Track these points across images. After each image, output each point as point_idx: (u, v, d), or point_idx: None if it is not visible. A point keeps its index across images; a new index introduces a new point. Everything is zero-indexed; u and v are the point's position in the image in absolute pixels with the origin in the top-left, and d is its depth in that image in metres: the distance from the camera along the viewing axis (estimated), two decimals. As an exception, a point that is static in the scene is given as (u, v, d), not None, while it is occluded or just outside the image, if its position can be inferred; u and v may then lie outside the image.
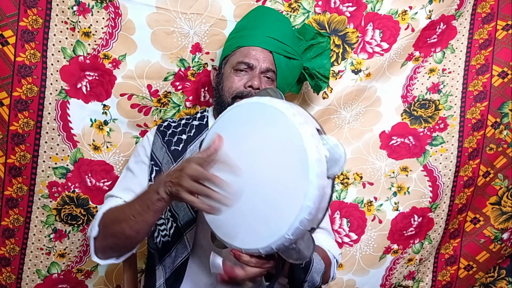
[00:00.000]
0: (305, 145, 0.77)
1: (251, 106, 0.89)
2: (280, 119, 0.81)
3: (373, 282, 1.61)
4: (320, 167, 0.77)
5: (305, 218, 0.77)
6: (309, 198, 0.76)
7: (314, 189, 0.76)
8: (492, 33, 1.51)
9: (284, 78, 1.22)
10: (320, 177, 0.77)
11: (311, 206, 0.76)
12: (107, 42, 1.31)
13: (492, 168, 1.60)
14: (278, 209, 0.80)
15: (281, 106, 0.82)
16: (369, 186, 1.55)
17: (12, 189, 1.36)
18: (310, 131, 0.79)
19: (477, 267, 1.69)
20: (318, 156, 0.77)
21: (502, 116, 1.55)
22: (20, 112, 1.29)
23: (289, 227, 0.77)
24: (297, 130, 0.78)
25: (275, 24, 1.24)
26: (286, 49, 1.20)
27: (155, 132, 1.22)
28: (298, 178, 0.77)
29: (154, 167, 1.16)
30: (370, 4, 1.43)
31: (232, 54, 1.20)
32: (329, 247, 1.18)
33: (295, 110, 0.82)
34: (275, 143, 0.83)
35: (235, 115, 0.92)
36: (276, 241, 0.80)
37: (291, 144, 0.79)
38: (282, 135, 0.81)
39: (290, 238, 0.79)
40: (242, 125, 0.89)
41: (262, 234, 0.82)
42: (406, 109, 1.53)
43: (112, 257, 1.06)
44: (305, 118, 0.81)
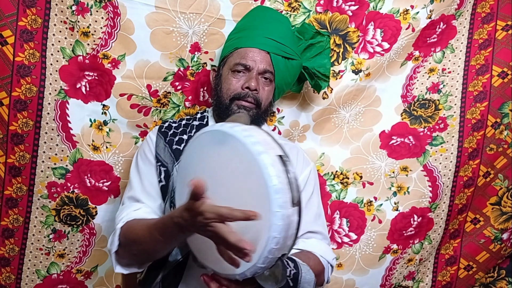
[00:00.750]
0: (264, 176, 0.76)
1: (214, 133, 0.88)
2: (239, 148, 0.80)
3: (373, 282, 1.61)
4: (282, 197, 0.76)
5: (273, 248, 0.77)
6: (275, 229, 0.76)
7: (278, 220, 0.76)
8: (491, 33, 1.51)
9: (282, 79, 1.22)
10: (283, 207, 0.76)
11: (278, 236, 0.77)
12: (106, 42, 1.30)
13: (493, 169, 1.60)
14: (248, 238, 0.79)
15: (240, 134, 0.81)
16: (369, 186, 1.55)
17: (12, 189, 1.36)
18: (270, 160, 0.77)
19: (477, 267, 1.69)
20: (280, 186, 0.76)
21: (502, 117, 1.55)
22: (19, 112, 1.29)
23: (259, 257, 0.79)
24: (256, 161, 0.77)
25: (273, 24, 1.24)
26: (284, 50, 1.20)
27: (156, 133, 1.23)
28: (261, 209, 0.76)
29: (162, 168, 1.16)
30: (372, 3, 1.43)
31: (230, 56, 1.21)
32: (323, 253, 1.18)
33: (255, 138, 0.80)
34: (238, 173, 0.82)
35: (201, 143, 0.92)
36: (249, 269, 0.81)
37: (252, 175, 0.78)
38: (243, 165, 0.81)
39: (262, 266, 0.80)
40: (208, 154, 0.89)
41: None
42: (406, 109, 1.53)
43: (134, 266, 1.07)
44: (265, 146, 0.79)
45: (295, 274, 1.00)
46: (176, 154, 1.16)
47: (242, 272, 0.83)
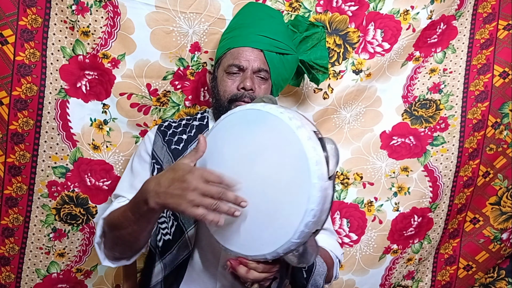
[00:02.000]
0: (304, 148, 0.77)
1: (246, 112, 0.89)
2: (276, 124, 0.81)
3: (373, 282, 1.62)
4: (321, 169, 0.77)
5: (310, 221, 0.77)
6: (313, 201, 0.76)
7: (316, 191, 0.76)
8: (493, 33, 1.51)
9: (279, 75, 1.21)
10: (321, 179, 0.77)
11: (315, 209, 0.77)
12: (106, 42, 1.30)
13: (492, 168, 1.60)
14: (282, 214, 0.80)
15: (276, 111, 0.82)
16: (370, 186, 1.55)
17: (12, 188, 1.36)
18: (307, 133, 0.79)
19: (476, 267, 1.69)
20: (318, 158, 0.77)
21: (503, 117, 1.55)
22: (20, 111, 1.29)
23: (295, 231, 0.78)
24: (294, 134, 0.78)
25: (265, 21, 1.22)
26: (278, 45, 1.19)
27: (156, 131, 1.22)
28: (299, 181, 0.77)
29: (156, 165, 1.16)
30: (372, 3, 1.42)
31: (224, 57, 1.20)
32: (332, 248, 1.19)
33: (290, 114, 0.82)
34: (273, 148, 0.82)
35: (231, 122, 0.91)
36: (282, 246, 0.80)
37: (289, 148, 0.79)
38: (279, 140, 0.81)
39: (296, 241, 0.79)
40: (239, 133, 0.88)
41: (267, 240, 0.82)
42: (407, 109, 1.53)
43: (122, 259, 1.04)
44: (301, 121, 0.81)
45: (310, 266, 1.00)
46: (174, 154, 1.16)
47: (273, 250, 0.81)
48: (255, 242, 0.84)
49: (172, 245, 1.12)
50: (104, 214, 1.06)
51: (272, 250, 0.82)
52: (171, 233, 1.12)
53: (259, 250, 0.84)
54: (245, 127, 0.88)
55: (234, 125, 0.90)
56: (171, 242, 1.12)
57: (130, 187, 1.14)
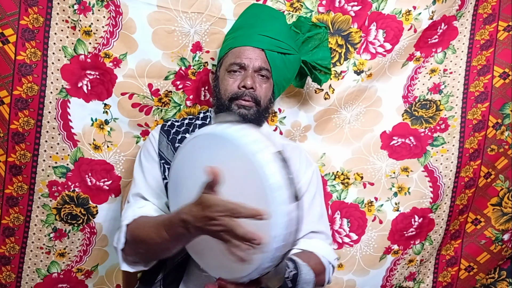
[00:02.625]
0: (263, 174, 0.76)
1: (208, 136, 0.87)
2: (236, 149, 0.80)
3: (374, 283, 1.61)
4: (283, 194, 0.76)
5: (280, 245, 0.77)
6: (280, 227, 0.76)
7: (281, 217, 0.76)
8: (493, 34, 1.51)
9: (281, 75, 1.21)
10: (285, 204, 0.76)
11: (284, 233, 0.77)
12: (108, 41, 1.31)
13: (493, 169, 1.60)
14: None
15: (234, 135, 0.81)
16: (370, 186, 1.54)
17: (13, 188, 1.36)
18: (266, 157, 0.77)
19: (477, 268, 1.69)
20: (279, 183, 0.76)
21: (504, 117, 1.55)
22: (21, 110, 1.29)
23: (266, 256, 0.78)
24: (252, 160, 0.77)
25: (268, 21, 1.23)
26: (279, 45, 1.19)
27: (159, 131, 1.22)
28: (264, 207, 0.75)
29: (166, 165, 1.16)
30: (375, 3, 1.43)
31: (225, 56, 1.21)
32: (324, 253, 1.18)
33: (249, 138, 0.80)
34: (235, 175, 0.81)
35: (194, 147, 0.90)
36: (256, 269, 0.81)
37: (250, 174, 0.78)
38: (240, 166, 0.80)
39: (269, 265, 0.80)
40: (202, 158, 0.87)
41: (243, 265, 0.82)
42: (407, 109, 1.53)
43: (140, 264, 1.05)
44: (260, 144, 0.79)
45: (295, 275, 1.00)
46: None
47: (249, 273, 0.82)
48: (230, 265, 0.84)
49: None
50: (126, 219, 1.06)
51: (247, 273, 0.83)
52: None
53: (235, 273, 0.85)
54: (206, 151, 0.86)
55: (196, 148, 0.89)
56: None
57: (149, 188, 1.15)
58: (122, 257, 1.04)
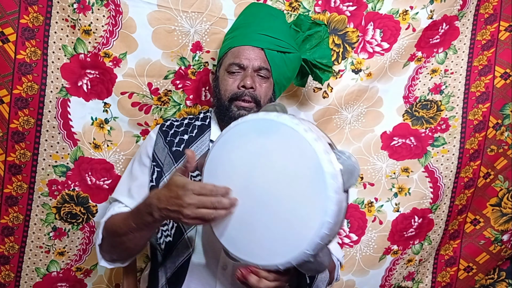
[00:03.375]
0: (321, 162, 0.77)
1: (258, 122, 0.88)
2: (291, 136, 0.81)
3: (373, 283, 1.61)
4: (337, 182, 0.77)
5: (325, 234, 0.78)
6: (329, 214, 0.77)
7: (333, 204, 0.77)
8: (494, 34, 1.51)
9: (281, 74, 1.21)
10: (338, 192, 0.77)
11: (331, 222, 0.77)
12: (108, 40, 1.30)
13: (493, 170, 1.60)
14: (296, 225, 0.80)
15: (291, 123, 0.82)
16: (370, 187, 1.54)
17: (12, 187, 1.35)
18: (323, 146, 0.79)
19: (477, 269, 1.69)
20: (334, 172, 0.77)
21: (504, 118, 1.54)
22: (20, 110, 1.29)
23: (309, 243, 0.78)
24: (311, 147, 0.78)
25: (267, 20, 1.22)
26: (279, 44, 1.19)
27: (157, 131, 1.22)
28: (316, 194, 0.78)
29: (156, 168, 1.16)
30: (370, 4, 1.42)
31: (225, 56, 1.20)
32: (333, 251, 1.18)
33: (306, 126, 0.81)
34: (288, 160, 0.82)
35: (242, 131, 0.90)
36: (295, 256, 0.81)
37: (305, 160, 0.79)
38: (295, 152, 0.81)
39: (309, 253, 0.80)
40: (250, 142, 0.87)
41: (279, 250, 0.82)
42: (408, 110, 1.52)
43: (117, 261, 1.10)
44: (317, 134, 0.81)
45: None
46: (175, 156, 1.16)
47: (286, 260, 0.82)
48: (267, 251, 0.84)
49: (173, 247, 1.12)
50: (104, 217, 1.10)
51: (284, 260, 0.82)
52: (171, 234, 1.12)
53: (271, 260, 0.84)
54: (257, 136, 0.86)
55: (245, 133, 0.89)
56: (171, 244, 1.12)
57: (128, 192, 1.17)
58: (99, 253, 1.08)
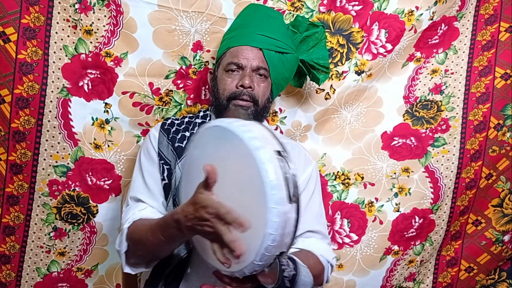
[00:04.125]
0: (260, 171, 0.75)
1: (214, 129, 0.88)
2: (238, 144, 0.80)
3: (374, 283, 1.61)
4: (278, 193, 0.75)
5: (270, 245, 0.77)
6: (271, 226, 0.75)
7: (274, 216, 0.75)
8: (495, 34, 1.51)
9: (279, 74, 1.22)
10: (279, 204, 0.75)
11: (274, 234, 0.76)
12: (109, 40, 1.31)
13: (495, 170, 1.60)
14: (246, 235, 0.79)
15: (238, 130, 0.81)
16: (370, 186, 1.54)
17: (13, 187, 1.36)
18: (267, 155, 0.77)
19: (478, 269, 1.69)
20: (276, 182, 0.75)
21: (505, 118, 1.54)
22: (21, 109, 1.29)
23: (256, 254, 0.78)
24: (252, 156, 0.77)
25: (265, 20, 1.24)
26: (277, 44, 1.20)
27: (159, 129, 1.23)
28: (258, 205, 0.76)
29: (165, 166, 1.16)
30: (376, 3, 1.42)
31: (223, 56, 1.21)
32: (322, 252, 1.18)
33: (253, 133, 0.80)
34: (236, 169, 0.82)
35: (203, 138, 0.92)
36: (247, 266, 0.81)
37: (249, 170, 0.78)
38: (241, 161, 0.80)
39: (260, 264, 0.79)
40: (209, 151, 0.89)
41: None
42: (408, 110, 1.52)
43: (141, 266, 1.09)
44: (263, 141, 0.79)
45: (294, 275, 0.99)
46: (178, 152, 1.16)
47: (240, 269, 0.82)
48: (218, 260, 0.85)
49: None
50: (126, 222, 1.09)
51: (238, 269, 0.83)
52: None
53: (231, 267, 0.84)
54: (216, 144, 0.87)
55: (206, 142, 0.91)
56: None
57: (147, 190, 1.16)
58: (124, 260, 1.07)
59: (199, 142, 0.94)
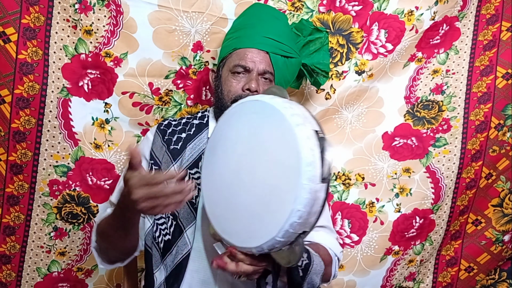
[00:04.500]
0: (299, 147, 0.76)
1: (254, 104, 0.89)
2: (278, 119, 0.81)
3: (374, 283, 1.61)
4: (313, 171, 0.75)
5: (295, 222, 0.76)
6: (300, 202, 0.75)
7: (305, 193, 0.75)
8: (496, 34, 1.50)
9: (282, 77, 1.22)
10: (312, 181, 0.75)
11: (302, 210, 0.75)
12: (109, 40, 1.30)
13: (495, 170, 1.60)
14: (271, 210, 0.79)
15: (280, 106, 0.82)
16: (371, 187, 1.54)
17: (13, 187, 1.36)
18: (306, 132, 0.77)
19: (478, 269, 1.69)
20: (312, 159, 0.75)
21: (506, 118, 1.54)
22: (22, 109, 1.29)
23: (280, 230, 0.77)
24: (292, 131, 0.77)
25: (271, 22, 1.23)
26: (283, 48, 1.19)
27: (155, 131, 1.23)
28: (290, 180, 0.76)
29: (154, 166, 1.17)
30: (376, 3, 1.42)
31: (229, 57, 1.20)
32: (331, 245, 1.18)
33: (294, 110, 0.81)
34: (273, 143, 0.82)
35: (240, 112, 0.92)
36: (267, 242, 0.80)
37: (286, 145, 0.78)
38: (278, 136, 0.81)
39: (280, 240, 0.79)
40: (245, 123, 0.89)
41: (255, 234, 0.82)
42: (409, 110, 1.52)
43: (116, 262, 1.13)
44: (303, 119, 0.80)
45: (307, 264, 0.99)
46: (173, 154, 1.17)
47: (259, 245, 0.81)
48: (245, 234, 0.85)
49: (172, 244, 1.12)
50: (98, 219, 1.14)
51: (257, 244, 0.81)
52: (171, 232, 1.12)
53: (247, 243, 0.84)
54: (251, 118, 0.88)
55: (243, 114, 0.91)
56: (170, 242, 1.12)
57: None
58: (97, 256, 1.13)
59: (232, 115, 0.94)
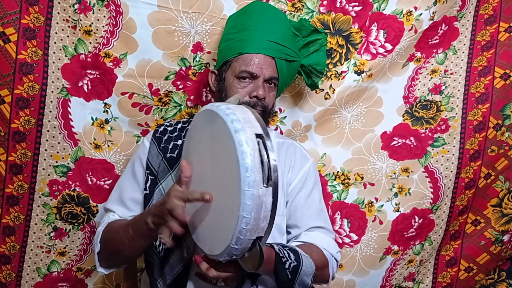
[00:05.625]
0: (237, 153, 0.76)
1: (205, 113, 0.91)
2: (221, 126, 0.81)
3: (373, 283, 1.61)
4: (252, 176, 0.75)
5: (244, 229, 0.77)
6: (244, 209, 0.75)
7: (247, 199, 0.75)
8: (494, 35, 1.51)
9: (284, 81, 1.23)
10: (253, 186, 0.75)
11: (247, 217, 0.76)
12: (108, 41, 1.31)
13: (493, 170, 1.60)
14: (225, 218, 0.80)
15: (222, 112, 0.82)
16: (370, 186, 1.55)
17: (13, 187, 1.36)
18: (245, 137, 0.77)
19: (477, 269, 1.69)
20: (250, 164, 0.75)
21: (504, 118, 1.55)
22: (21, 110, 1.29)
23: (232, 237, 0.78)
24: (231, 138, 0.78)
25: (274, 24, 1.21)
26: (287, 52, 1.19)
27: (151, 138, 1.23)
28: (235, 187, 0.77)
29: (150, 176, 1.17)
30: (376, 4, 1.42)
31: (234, 60, 1.18)
32: (326, 245, 1.18)
33: (235, 116, 0.80)
34: (221, 151, 0.84)
35: (196, 123, 0.96)
36: (225, 250, 0.81)
37: (229, 152, 0.79)
38: (223, 143, 0.81)
39: (237, 247, 0.79)
40: (201, 134, 0.92)
41: (216, 242, 0.84)
42: (408, 110, 1.52)
43: (113, 267, 1.15)
44: (242, 124, 0.79)
45: (295, 266, 0.99)
46: (170, 163, 1.17)
47: (220, 253, 0.83)
48: (210, 242, 0.87)
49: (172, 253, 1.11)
50: (101, 226, 1.16)
51: (218, 252, 0.83)
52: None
53: (212, 250, 0.86)
54: (204, 128, 0.90)
55: (199, 125, 0.94)
56: (170, 251, 1.11)
57: (119, 201, 1.21)
58: (97, 260, 1.14)
59: (193, 126, 0.97)
